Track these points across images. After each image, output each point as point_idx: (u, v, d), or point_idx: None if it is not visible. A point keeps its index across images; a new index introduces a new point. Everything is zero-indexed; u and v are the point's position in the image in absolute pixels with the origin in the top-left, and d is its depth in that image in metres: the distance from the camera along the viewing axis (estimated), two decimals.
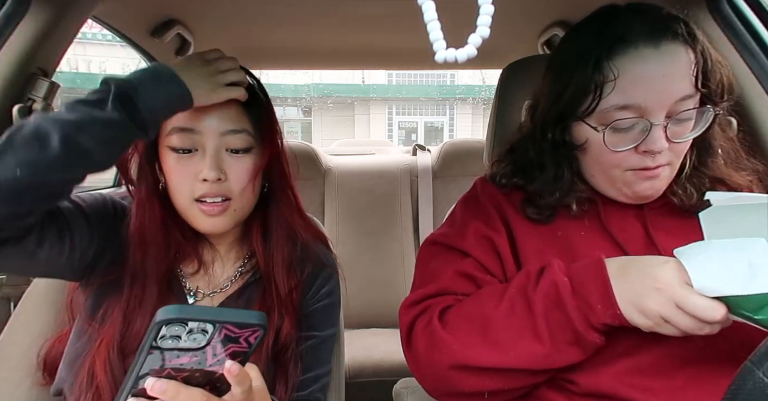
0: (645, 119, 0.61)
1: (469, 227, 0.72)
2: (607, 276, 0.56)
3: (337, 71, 10.28)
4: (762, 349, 0.38)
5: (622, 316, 0.54)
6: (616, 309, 0.55)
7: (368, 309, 1.84)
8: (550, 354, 0.58)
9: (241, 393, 0.50)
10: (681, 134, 0.63)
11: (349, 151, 2.73)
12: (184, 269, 0.78)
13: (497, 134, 0.99)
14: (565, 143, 0.69)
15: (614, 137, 0.64)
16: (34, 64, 0.85)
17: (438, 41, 0.42)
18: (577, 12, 0.73)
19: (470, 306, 0.64)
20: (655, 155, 0.62)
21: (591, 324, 0.56)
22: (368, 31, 1.48)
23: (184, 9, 1.29)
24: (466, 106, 14.89)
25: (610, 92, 0.62)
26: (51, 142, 0.56)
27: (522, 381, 0.61)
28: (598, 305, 0.55)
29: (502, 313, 0.61)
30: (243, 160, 0.72)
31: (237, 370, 0.48)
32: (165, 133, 0.71)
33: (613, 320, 0.55)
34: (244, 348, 0.48)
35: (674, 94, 0.61)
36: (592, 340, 0.56)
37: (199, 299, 0.76)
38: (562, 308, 0.57)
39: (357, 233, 1.90)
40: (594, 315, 0.56)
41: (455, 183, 1.94)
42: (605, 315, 0.55)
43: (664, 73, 0.61)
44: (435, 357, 0.63)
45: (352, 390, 1.34)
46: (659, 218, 0.69)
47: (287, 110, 15.13)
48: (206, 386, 0.49)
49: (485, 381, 0.61)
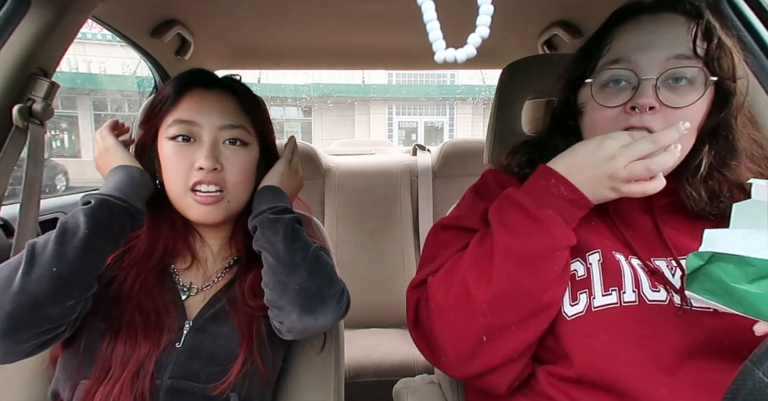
0: (634, 74, 0.63)
1: (477, 207, 0.73)
2: (554, 171, 0.61)
3: (337, 71, 10.29)
4: (762, 349, 0.38)
5: (572, 186, 0.59)
6: (566, 180, 0.59)
7: (368, 309, 1.84)
8: (513, 243, 0.59)
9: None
10: (676, 100, 0.62)
11: (349, 151, 2.73)
12: (177, 266, 0.79)
13: (497, 133, 0.99)
14: (570, 109, 0.72)
15: (605, 93, 0.66)
16: (34, 64, 0.85)
17: (438, 41, 0.42)
18: (577, 12, 0.73)
19: (459, 253, 0.66)
20: (643, 113, 0.62)
21: (541, 202, 0.60)
22: (368, 31, 1.48)
23: (184, 9, 1.29)
24: (466, 106, 14.88)
25: (605, 53, 0.67)
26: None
27: (511, 291, 0.59)
28: (553, 188, 0.60)
29: (473, 240, 0.65)
30: (239, 153, 0.76)
31: None
32: (165, 125, 0.74)
33: (568, 190, 0.59)
34: None
35: (665, 50, 0.62)
36: (544, 215, 0.59)
37: (193, 294, 0.78)
38: (514, 203, 0.61)
39: (357, 233, 1.90)
40: (548, 193, 0.60)
41: (455, 183, 1.95)
42: (558, 190, 0.60)
43: (655, 31, 0.64)
44: (432, 307, 0.63)
45: (352, 390, 1.34)
46: (668, 215, 0.68)
47: (287, 110, 15.13)
48: None
49: (478, 311, 0.58)
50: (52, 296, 0.61)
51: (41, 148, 0.86)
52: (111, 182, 0.71)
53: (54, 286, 0.61)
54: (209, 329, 0.73)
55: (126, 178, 0.71)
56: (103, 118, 10.78)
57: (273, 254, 0.71)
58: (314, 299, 0.69)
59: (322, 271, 0.72)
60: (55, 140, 9.84)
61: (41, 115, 0.85)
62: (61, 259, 0.62)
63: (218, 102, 0.75)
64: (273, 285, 0.70)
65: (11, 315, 0.59)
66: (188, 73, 0.78)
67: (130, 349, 0.68)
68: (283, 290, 0.69)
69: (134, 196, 0.70)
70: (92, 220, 0.65)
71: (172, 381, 0.68)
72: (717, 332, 0.58)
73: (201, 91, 0.76)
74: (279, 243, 0.71)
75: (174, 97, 0.75)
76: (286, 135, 0.72)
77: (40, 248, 0.62)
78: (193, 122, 0.73)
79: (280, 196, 0.77)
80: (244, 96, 0.78)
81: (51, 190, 6.31)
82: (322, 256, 0.74)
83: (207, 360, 0.70)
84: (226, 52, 1.65)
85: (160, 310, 0.73)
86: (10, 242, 0.88)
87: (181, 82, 0.76)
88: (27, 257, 0.62)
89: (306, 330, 0.70)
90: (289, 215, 0.74)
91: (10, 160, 0.83)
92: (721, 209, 0.65)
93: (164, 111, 0.75)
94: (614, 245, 0.66)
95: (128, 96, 9.94)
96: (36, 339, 0.62)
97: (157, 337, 0.70)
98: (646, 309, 0.61)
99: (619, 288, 0.62)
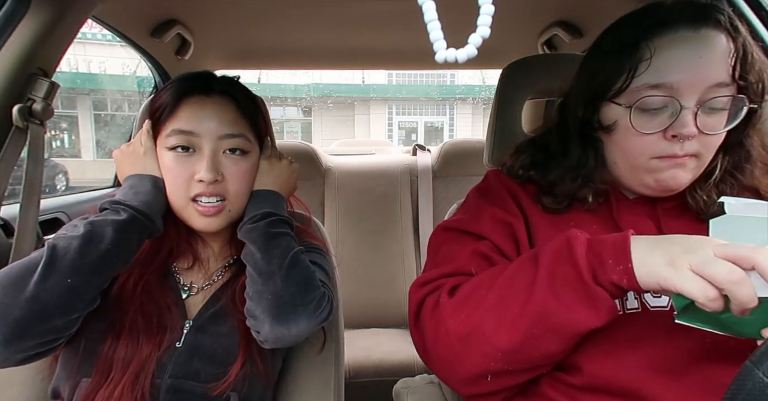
0: (675, 101, 0.60)
1: (485, 212, 0.72)
2: (629, 240, 0.52)
3: (337, 71, 10.28)
4: (762, 349, 0.38)
5: (632, 272, 0.50)
6: (627, 263, 0.50)
7: (368, 309, 1.84)
8: (555, 311, 0.53)
9: None
10: (713, 126, 0.61)
11: (349, 151, 2.72)
12: (179, 266, 0.80)
13: (497, 133, 0.99)
14: (593, 124, 0.67)
15: (642, 118, 0.62)
16: (34, 64, 0.85)
17: (438, 41, 0.41)
18: (577, 12, 0.73)
19: (481, 276, 0.62)
20: (684, 141, 0.60)
21: (597, 279, 0.52)
22: (368, 31, 1.47)
23: (184, 9, 1.29)
24: (466, 106, 14.88)
25: (643, 72, 0.61)
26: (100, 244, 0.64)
27: (529, 351, 0.55)
28: (609, 259, 0.52)
29: (507, 273, 0.58)
30: (240, 162, 0.75)
31: None
32: (164, 135, 0.73)
33: (621, 277, 0.51)
34: None
35: (708, 78, 0.59)
36: (599, 295, 0.52)
37: (194, 293, 0.78)
38: (571, 261, 0.53)
39: (357, 233, 1.90)
40: (602, 269, 0.52)
41: (455, 183, 1.94)
42: (614, 271, 0.51)
43: (700, 55, 0.59)
44: (441, 330, 0.60)
45: (352, 390, 1.34)
46: (672, 218, 0.67)
47: (287, 110, 15.13)
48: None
49: (489, 355, 0.56)
50: (60, 308, 0.60)
51: (41, 148, 0.86)
52: (142, 194, 0.70)
53: (64, 297, 0.60)
54: (209, 328, 0.73)
55: (155, 192, 0.71)
56: (103, 118, 10.77)
57: (252, 263, 0.71)
58: (286, 307, 0.67)
59: (298, 277, 0.70)
60: (55, 140, 9.83)
61: (41, 115, 0.85)
62: (79, 271, 0.61)
63: (217, 110, 0.74)
64: (252, 294, 0.69)
65: (19, 323, 0.58)
66: (186, 79, 0.76)
67: (131, 351, 0.68)
68: (259, 299, 0.68)
69: (158, 212, 0.71)
70: (118, 236, 0.65)
71: (172, 380, 0.68)
72: (721, 334, 0.58)
73: (199, 98, 0.74)
74: (257, 253, 0.71)
75: (172, 106, 0.73)
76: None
77: (61, 254, 0.61)
78: (192, 133, 0.72)
79: (262, 202, 0.76)
80: (243, 101, 0.77)
81: (51, 190, 6.31)
82: (302, 261, 0.72)
83: (207, 360, 0.70)
84: (226, 52, 1.65)
85: (162, 310, 0.72)
86: (10, 242, 0.88)
87: (179, 90, 0.74)
88: (46, 260, 0.61)
89: (279, 340, 0.68)
90: (263, 221, 0.73)
91: (10, 160, 0.83)
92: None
93: (162, 120, 0.74)
94: None
95: (128, 96, 9.92)
96: (36, 349, 0.62)
97: (158, 337, 0.70)
98: (649, 315, 0.60)
99: (621, 296, 0.61)
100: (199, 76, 0.77)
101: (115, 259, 0.65)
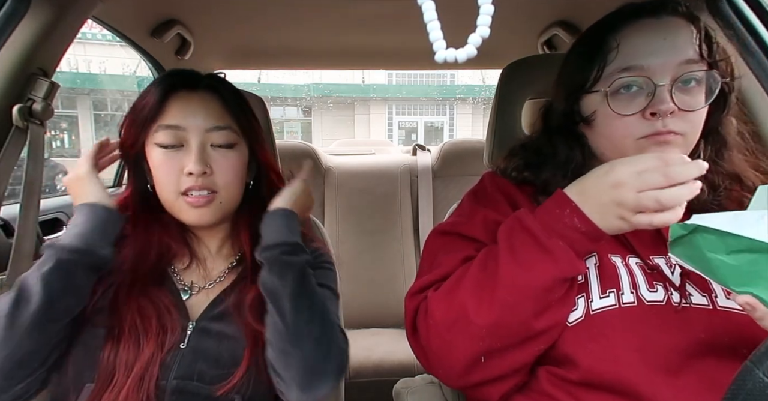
0: (649, 80, 0.63)
1: (478, 215, 0.73)
2: (562, 191, 0.60)
3: (337, 71, 10.29)
4: (762, 349, 0.38)
5: (579, 210, 0.57)
6: (571, 203, 0.57)
7: (368, 309, 1.84)
8: (518, 274, 0.57)
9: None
10: (691, 103, 0.63)
11: (349, 151, 2.73)
12: (176, 266, 0.80)
13: (497, 133, 0.99)
14: (574, 118, 0.71)
15: (620, 102, 0.65)
16: (34, 64, 0.85)
17: (438, 41, 0.42)
18: (577, 12, 0.73)
19: (461, 269, 0.65)
20: (664, 118, 0.62)
21: (552, 230, 0.58)
22: (368, 31, 1.48)
23: (184, 9, 1.29)
24: (466, 106, 14.88)
25: (613, 60, 0.65)
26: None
27: (508, 320, 0.58)
28: (556, 209, 0.59)
29: (478, 259, 0.63)
30: (228, 155, 0.76)
31: None
32: (152, 131, 0.74)
33: (572, 217, 0.57)
34: None
35: (677, 57, 0.63)
36: (554, 245, 0.57)
37: (195, 293, 0.77)
38: (522, 227, 0.60)
39: (357, 232, 1.90)
40: (552, 218, 0.58)
41: (455, 183, 1.95)
42: (563, 215, 0.57)
43: (664, 37, 0.63)
44: (431, 324, 0.62)
45: (352, 390, 1.34)
46: None
47: (287, 109, 15.13)
48: None
49: (475, 335, 0.58)
50: (22, 367, 0.61)
51: (41, 148, 0.86)
52: (75, 227, 0.69)
53: (15, 361, 0.61)
54: (213, 329, 0.73)
55: (92, 220, 0.69)
56: (103, 118, 10.76)
57: (278, 311, 0.68)
58: (315, 375, 0.66)
59: (326, 338, 0.68)
60: (55, 140, 9.82)
61: (41, 115, 0.85)
62: (10, 341, 0.61)
63: (203, 104, 0.75)
64: (276, 353, 0.68)
65: None
66: (170, 76, 0.77)
67: (134, 354, 0.68)
68: (286, 361, 0.67)
69: (101, 241, 0.69)
70: (48, 289, 0.63)
71: (177, 381, 0.68)
72: (716, 330, 0.58)
73: (185, 94, 0.75)
74: (285, 300, 0.68)
75: (158, 103, 0.74)
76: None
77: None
78: (179, 127, 0.73)
79: (292, 224, 0.74)
80: (228, 95, 0.78)
81: (51, 190, 6.30)
82: (328, 311, 0.71)
83: (212, 362, 0.70)
84: (226, 52, 1.65)
85: (162, 312, 0.72)
86: (10, 242, 0.88)
87: (164, 88, 0.75)
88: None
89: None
90: (300, 258, 0.71)
91: (10, 160, 0.83)
92: (721, 202, 0.66)
93: (150, 118, 0.74)
94: (611, 246, 0.66)
95: (128, 96, 9.91)
96: (18, 393, 0.63)
97: (160, 339, 0.70)
98: (645, 309, 0.61)
99: (617, 290, 0.62)
100: (184, 73, 0.78)
101: (54, 312, 0.64)
